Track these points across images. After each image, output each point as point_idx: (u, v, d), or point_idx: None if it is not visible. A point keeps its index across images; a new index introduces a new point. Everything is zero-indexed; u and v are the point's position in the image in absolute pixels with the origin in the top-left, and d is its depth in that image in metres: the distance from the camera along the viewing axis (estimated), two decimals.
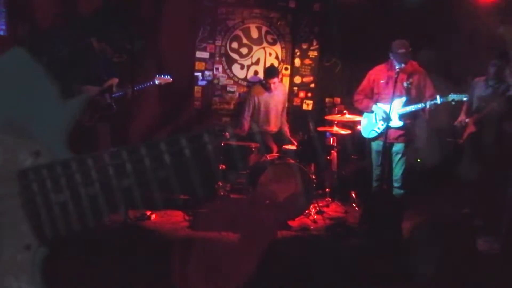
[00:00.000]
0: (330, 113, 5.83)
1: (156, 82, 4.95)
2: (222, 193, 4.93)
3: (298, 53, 6.40)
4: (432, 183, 5.04)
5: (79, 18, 4.98)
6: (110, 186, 0.69)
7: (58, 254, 0.75)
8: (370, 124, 4.74)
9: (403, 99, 4.51)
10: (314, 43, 6.38)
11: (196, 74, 6.29)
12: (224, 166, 4.86)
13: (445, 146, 5.29)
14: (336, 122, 5.21)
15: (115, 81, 4.73)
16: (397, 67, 4.43)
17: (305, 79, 6.46)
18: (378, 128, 4.64)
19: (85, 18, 4.93)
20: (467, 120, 4.96)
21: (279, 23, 6.32)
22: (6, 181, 0.69)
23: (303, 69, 6.43)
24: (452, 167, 4.87)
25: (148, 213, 4.52)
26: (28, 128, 0.71)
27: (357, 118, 5.15)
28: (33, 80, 0.74)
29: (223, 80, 6.35)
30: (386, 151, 4.61)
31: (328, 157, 5.43)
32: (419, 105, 4.43)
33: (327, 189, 5.46)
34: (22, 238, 0.69)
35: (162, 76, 4.99)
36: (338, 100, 6.40)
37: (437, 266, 3.37)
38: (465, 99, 4.40)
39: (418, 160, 5.15)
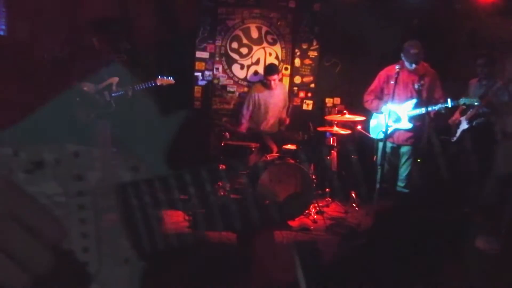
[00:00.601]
0: (330, 113, 5.83)
1: (158, 83, 4.93)
2: (222, 193, 4.93)
3: (298, 53, 6.40)
4: (431, 182, 5.04)
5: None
6: (208, 202, 0.71)
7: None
8: (379, 125, 4.73)
9: (414, 101, 4.51)
10: (314, 43, 6.39)
11: (196, 74, 6.29)
12: (224, 166, 4.86)
13: (440, 144, 5.31)
14: (336, 122, 5.21)
15: (115, 80, 4.74)
16: (397, 68, 4.42)
17: (305, 79, 6.46)
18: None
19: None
20: (461, 118, 5.00)
21: (279, 23, 6.32)
22: (106, 195, 0.70)
23: (303, 69, 6.44)
24: (447, 165, 4.88)
25: None
26: (127, 144, 0.74)
27: (357, 118, 5.16)
28: (132, 97, 0.77)
29: (223, 80, 6.35)
30: (393, 151, 4.62)
31: (328, 157, 5.43)
32: (430, 108, 4.42)
33: (327, 189, 5.46)
34: (121, 251, 0.70)
35: (164, 77, 4.97)
36: (338, 100, 6.41)
37: (437, 265, 3.37)
38: (476, 103, 4.44)
39: (418, 160, 5.15)
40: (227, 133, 5.28)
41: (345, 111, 5.26)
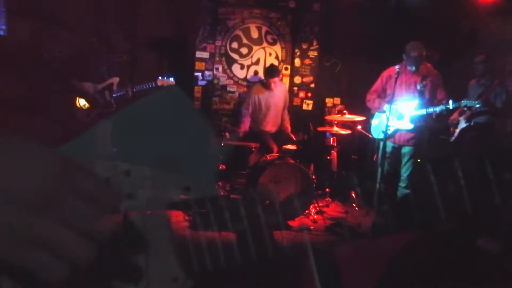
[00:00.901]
0: (330, 113, 5.83)
1: (158, 83, 4.93)
2: (222, 193, 4.93)
3: (298, 53, 6.41)
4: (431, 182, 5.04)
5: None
6: (259, 224, 0.72)
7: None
8: (381, 125, 4.73)
9: (416, 101, 4.51)
10: (314, 43, 6.39)
11: (196, 74, 6.29)
12: (224, 166, 4.86)
13: (439, 144, 5.32)
14: (336, 122, 5.21)
15: (115, 80, 4.74)
16: (397, 68, 4.43)
17: (305, 79, 6.46)
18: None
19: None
20: (459, 118, 5.01)
21: (279, 23, 6.32)
22: (156, 214, 0.71)
23: (303, 69, 6.44)
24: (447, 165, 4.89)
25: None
26: (178, 164, 0.74)
27: (357, 118, 5.16)
28: (185, 117, 0.77)
29: (223, 80, 6.35)
30: (395, 152, 4.62)
31: (328, 157, 5.44)
32: (432, 109, 4.43)
33: (327, 189, 5.46)
34: (169, 270, 0.71)
35: (165, 78, 4.97)
36: (338, 100, 6.41)
37: (437, 265, 3.37)
38: (478, 105, 4.44)
39: (418, 160, 5.15)
40: (227, 133, 5.28)
41: (345, 111, 5.26)
